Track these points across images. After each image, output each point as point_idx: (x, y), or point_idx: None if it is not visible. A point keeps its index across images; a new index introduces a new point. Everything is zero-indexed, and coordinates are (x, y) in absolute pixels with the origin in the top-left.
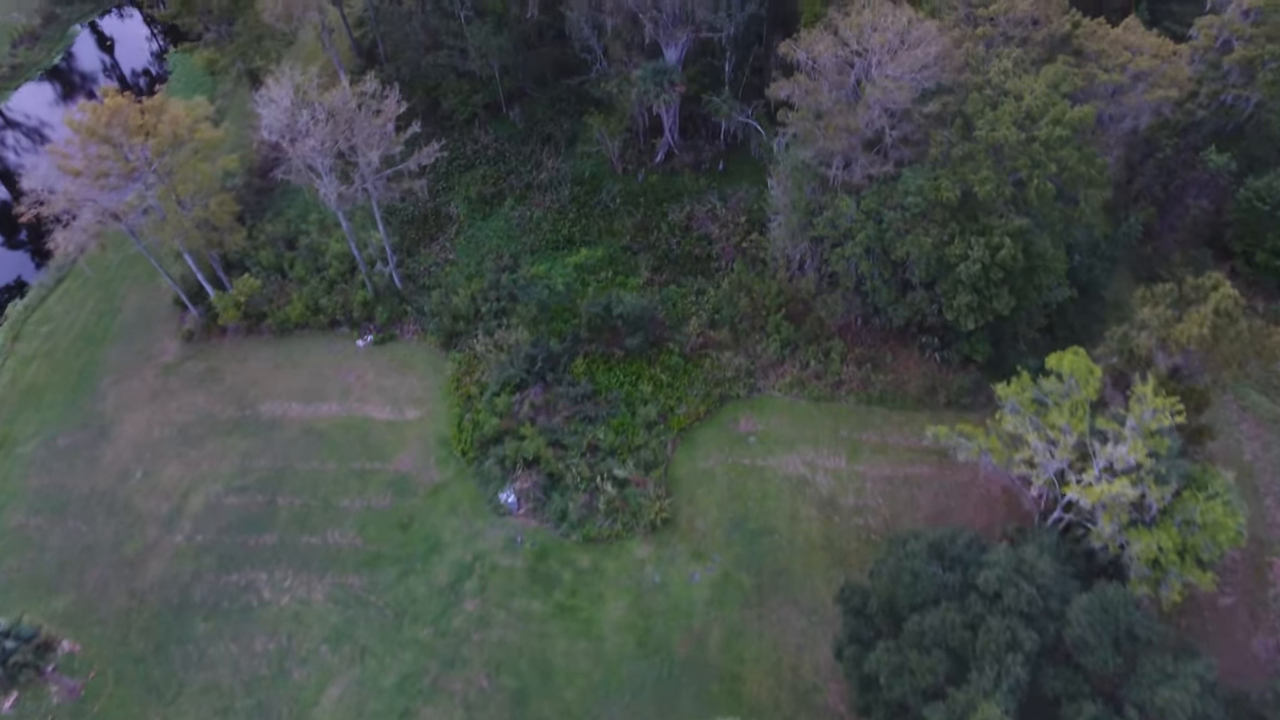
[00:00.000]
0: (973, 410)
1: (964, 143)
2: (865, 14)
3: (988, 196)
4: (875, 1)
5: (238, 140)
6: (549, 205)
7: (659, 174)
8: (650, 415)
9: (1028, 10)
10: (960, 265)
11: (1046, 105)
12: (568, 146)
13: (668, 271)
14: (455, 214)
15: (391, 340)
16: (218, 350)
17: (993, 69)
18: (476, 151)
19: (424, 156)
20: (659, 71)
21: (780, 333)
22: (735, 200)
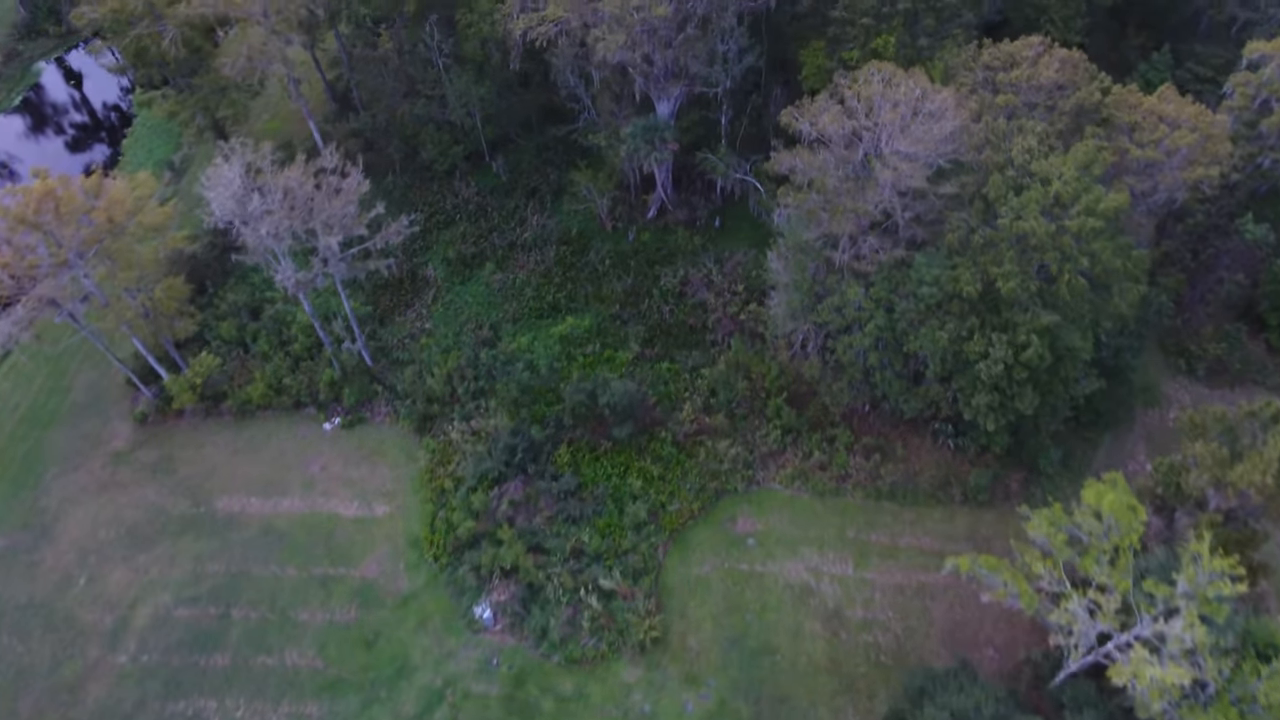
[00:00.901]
0: (991, 507)
1: (985, 228)
2: (874, 84)
3: (1012, 293)
4: (885, 69)
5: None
6: (533, 268)
7: (651, 231)
8: (639, 515)
9: (1053, 77)
10: (980, 363)
11: (1078, 192)
12: (554, 200)
13: (660, 344)
14: (433, 277)
15: (361, 423)
16: (172, 435)
17: (1016, 146)
18: (457, 206)
19: (391, 233)
20: (650, 129)
21: (781, 418)
22: (732, 264)
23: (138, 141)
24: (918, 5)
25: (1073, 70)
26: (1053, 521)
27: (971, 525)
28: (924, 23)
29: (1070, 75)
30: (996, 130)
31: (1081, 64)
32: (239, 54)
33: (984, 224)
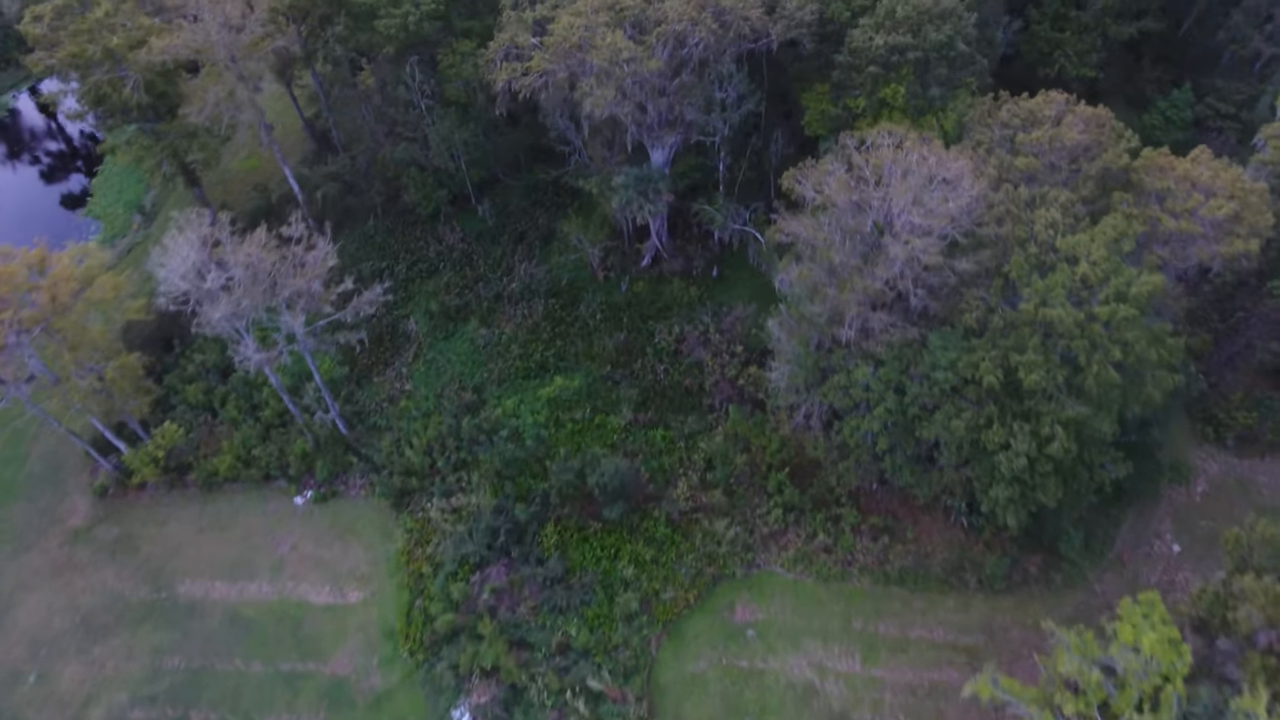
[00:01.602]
0: (1008, 593)
1: (1005, 306)
2: (885, 151)
3: (1035, 385)
4: (896, 132)
5: None
6: (520, 321)
7: (645, 281)
8: (631, 604)
9: (1077, 139)
10: (1000, 455)
11: (1107, 273)
12: (543, 246)
13: (654, 408)
14: (414, 331)
15: (335, 497)
16: (134, 510)
17: (1038, 219)
18: (441, 253)
19: (364, 303)
20: (643, 179)
21: (782, 495)
22: (731, 319)
23: (107, 181)
24: (929, 54)
25: (1098, 130)
26: (1084, 652)
27: (987, 614)
28: (935, 72)
29: (1096, 135)
30: (1017, 200)
31: (1108, 123)
32: (205, 101)
33: (1004, 302)
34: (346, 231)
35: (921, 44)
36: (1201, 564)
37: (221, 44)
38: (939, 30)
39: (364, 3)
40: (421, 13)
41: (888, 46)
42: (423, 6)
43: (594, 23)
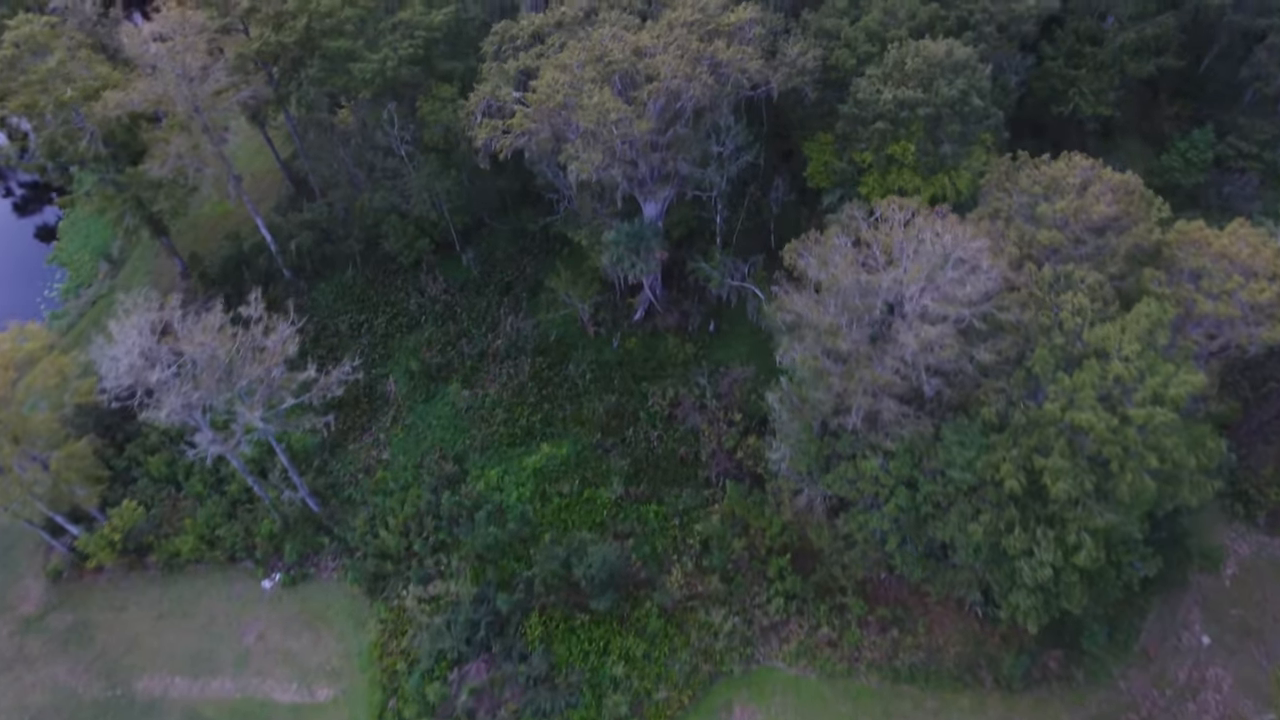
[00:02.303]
0: (1027, 692)
1: (1028, 400)
2: (896, 228)
3: (1063, 495)
4: (907, 206)
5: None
6: (505, 382)
7: (638, 337)
8: (620, 708)
9: (1105, 213)
10: (1022, 562)
11: (1142, 372)
12: (530, 298)
13: (646, 480)
14: (393, 393)
15: (305, 580)
16: (90, 594)
17: (1065, 305)
18: (422, 306)
19: (332, 384)
20: (634, 236)
21: (784, 582)
22: (728, 382)
23: (74, 225)
24: (941, 110)
25: (1127, 200)
26: None
27: (1004, 715)
28: (948, 128)
29: (1124, 206)
30: (1041, 282)
31: (1137, 190)
32: (167, 154)
33: (1027, 395)
34: (323, 281)
35: (933, 99)
36: (1233, 658)
37: (182, 96)
38: (951, 85)
39: (338, 47)
40: (400, 57)
41: (896, 101)
42: (401, 51)
43: (580, 79)
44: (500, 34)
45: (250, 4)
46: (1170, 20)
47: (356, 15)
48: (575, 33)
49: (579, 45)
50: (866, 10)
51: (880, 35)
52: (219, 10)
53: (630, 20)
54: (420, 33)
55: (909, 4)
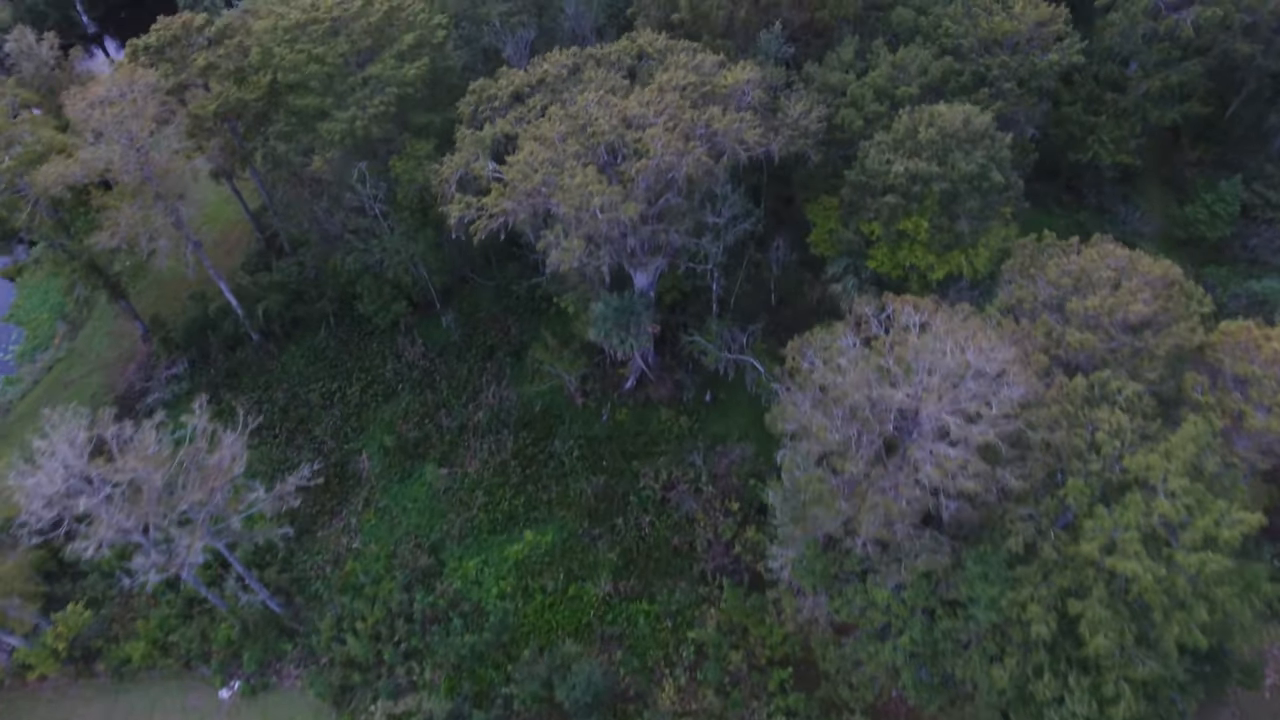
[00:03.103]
0: None
1: (1057, 528)
2: (910, 335)
3: (1102, 650)
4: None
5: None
6: (487, 458)
7: (629, 408)
8: None
9: (1142, 312)
10: (1051, 711)
11: (1191, 511)
12: (515, 363)
13: (637, 574)
14: (365, 471)
15: (266, 690)
16: (34, 707)
17: (1100, 423)
18: (399, 372)
19: (287, 489)
20: (623, 310)
21: (785, 698)
22: (725, 463)
23: (32, 278)
24: (958, 186)
25: (1165, 294)
26: None
27: None
28: (965, 204)
29: (1163, 303)
30: (1073, 394)
31: (1176, 282)
32: (117, 225)
33: (1058, 523)
34: (295, 344)
35: (949, 174)
36: None
37: (130, 165)
38: (969, 158)
39: (304, 104)
40: (369, 116)
41: (909, 175)
42: (371, 109)
43: (561, 154)
44: (478, 93)
45: (209, 60)
46: (1197, 67)
47: (323, 71)
48: (559, 94)
49: (561, 112)
50: (874, 64)
51: (889, 93)
52: (174, 66)
53: (617, 81)
54: (392, 89)
55: (920, 59)
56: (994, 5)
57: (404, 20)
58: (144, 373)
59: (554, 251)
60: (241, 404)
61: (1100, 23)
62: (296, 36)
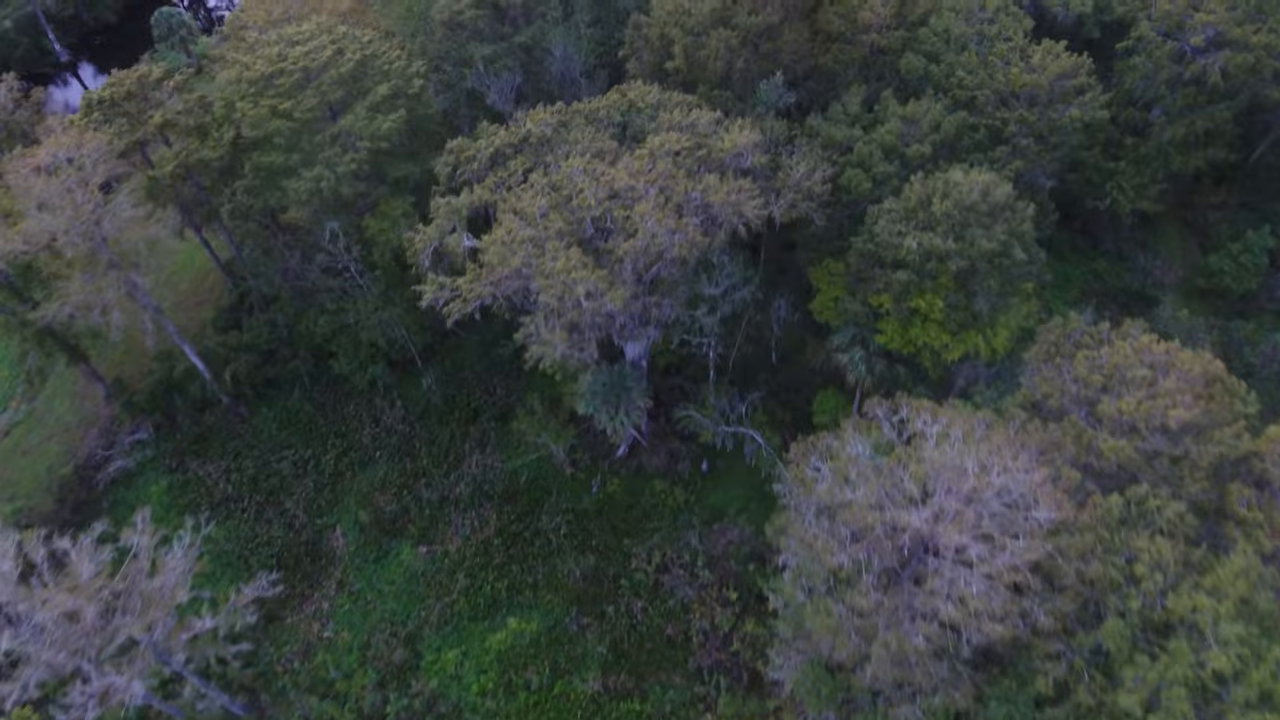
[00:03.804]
0: None
1: (1092, 668)
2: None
3: None
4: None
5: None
6: (469, 536)
7: (621, 478)
8: None
9: (1183, 417)
10: None
11: (1245, 662)
12: (499, 427)
13: (628, 667)
14: (340, 549)
15: None
16: None
17: (1140, 554)
18: (377, 438)
19: (243, 602)
20: (614, 385)
21: None
22: (723, 545)
23: None
24: (977, 264)
25: (1207, 395)
26: None
27: None
28: (985, 283)
29: (1205, 405)
30: (1109, 517)
31: (1219, 381)
32: (67, 296)
33: (1091, 663)
34: (267, 406)
35: (967, 251)
36: None
37: (77, 236)
38: (989, 235)
39: (269, 162)
40: (338, 175)
41: (923, 251)
42: (340, 167)
43: (543, 232)
44: (455, 154)
45: (166, 117)
46: (1225, 113)
47: (289, 128)
48: (541, 155)
49: (544, 180)
50: (882, 117)
51: (899, 152)
52: (130, 123)
53: (605, 142)
54: (364, 144)
55: (932, 113)
56: (1011, 54)
57: (378, 70)
58: (106, 438)
59: (534, 345)
60: (209, 472)
61: (1120, 64)
62: (262, 89)
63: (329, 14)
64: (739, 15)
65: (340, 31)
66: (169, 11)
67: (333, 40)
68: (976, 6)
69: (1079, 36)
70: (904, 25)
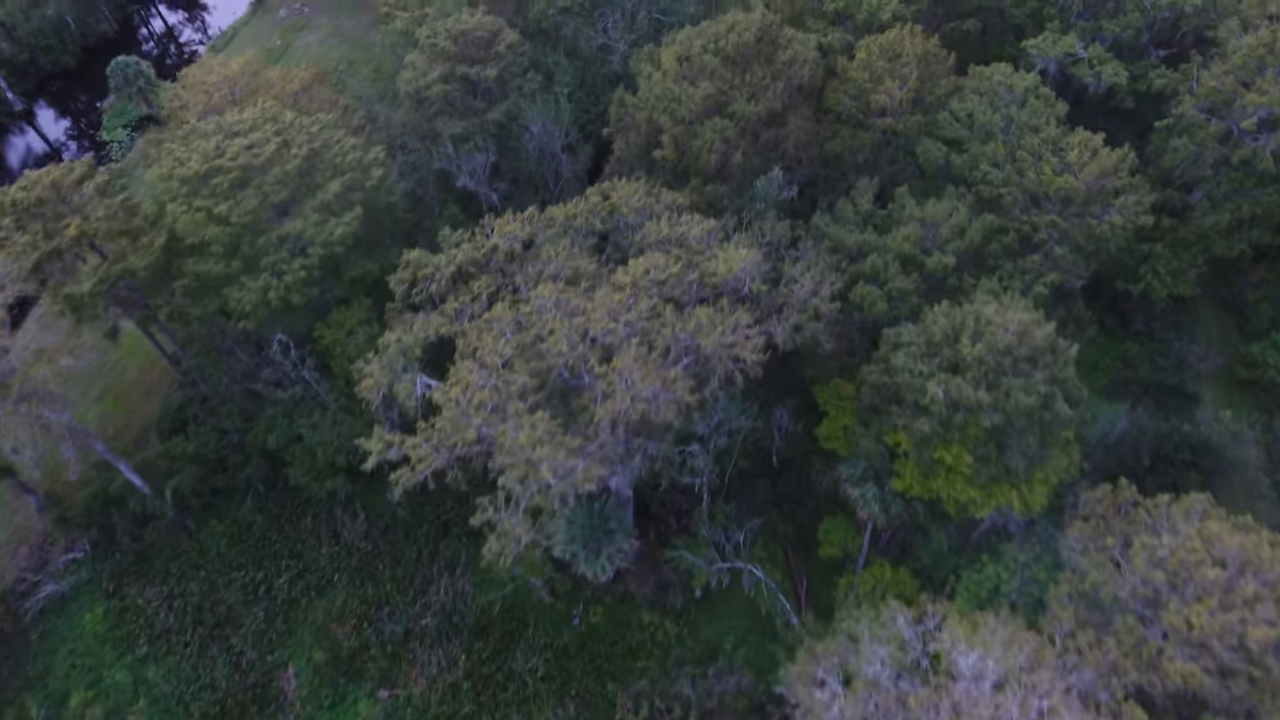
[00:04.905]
0: None
1: None
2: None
3: None
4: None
5: None
6: (435, 678)
7: (606, 605)
8: None
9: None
10: None
11: None
12: (474, 543)
13: None
14: (290, 691)
15: None
16: None
17: None
18: (336, 557)
19: None
20: (593, 526)
21: None
22: (719, 693)
23: None
24: (1016, 421)
25: None
26: None
27: None
28: (1022, 440)
29: None
30: None
31: None
32: None
33: None
34: (216, 518)
35: (1001, 404)
36: None
37: None
38: (1028, 386)
39: (206, 271)
40: (286, 284)
41: (949, 400)
42: (288, 277)
43: (505, 390)
44: (412, 269)
45: (83, 228)
46: (1274, 196)
47: (226, 234)
48: (510, 275)
49: (510, 314)
50: (897, 216)
51: (917, 261)
52: (46, 230)
53: (581, 261)
54: (316, 249)
55: (956, 218)
56: (1042, 147)
57: (330, 163)
58: (38, 557)
59: (491, 540)
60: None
61: (1157, 137)
62: (196, 189)
63: (276, 97)
64: (736, 102)
65: (287, 119)
66: (125, 61)
67: (277, 131)
68: (1003, 88)
69: (1110, 106)
70: (921, 107)
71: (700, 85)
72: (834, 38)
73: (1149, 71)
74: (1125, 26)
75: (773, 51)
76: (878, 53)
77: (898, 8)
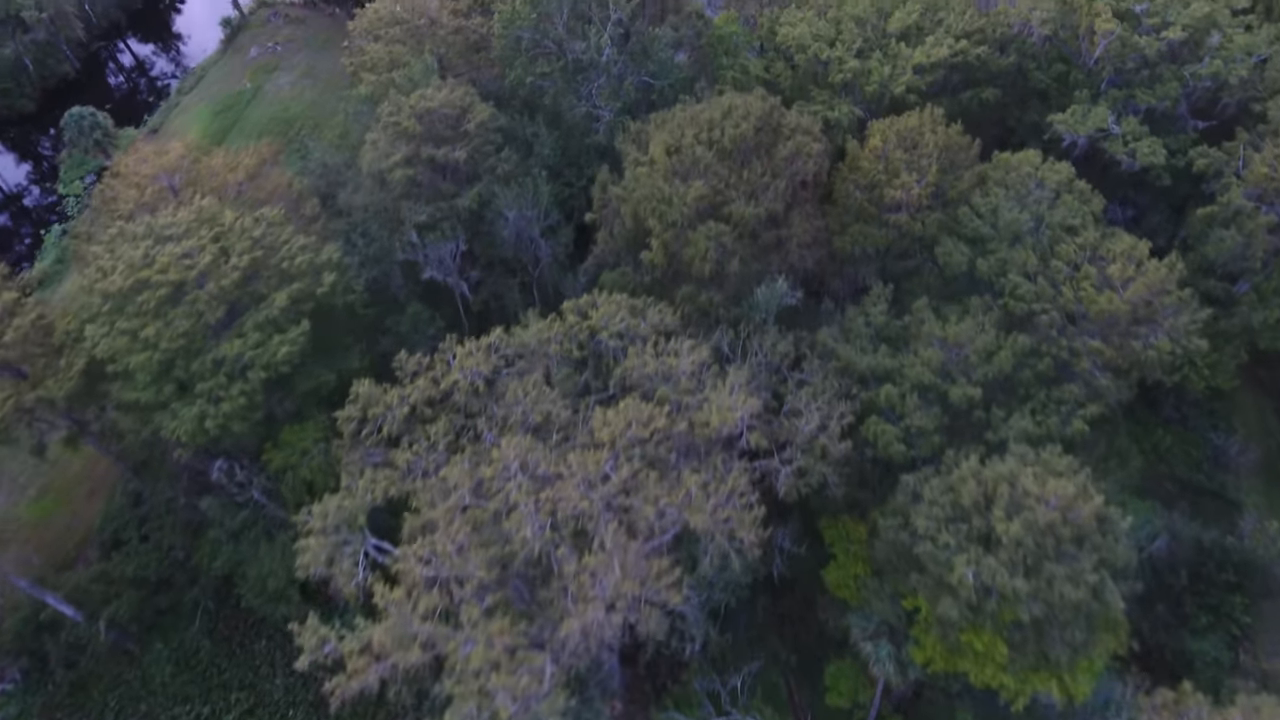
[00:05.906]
0: None
1: None
2: None
3: None
4: None
5: None
6: None
7: None
8: None
9: None
10: None
11: None
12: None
13: None
14: None
15: None
16: None
17: None
18: (292, 690)
19: None
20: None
21: None
22: None
23: None
24: (1060, 615)
25: None
26: None
27: None
28: (1066, 633)
29: None
30: None
31: None
32: None
33: None
34: (160, 641)
35: (1044, 594)
36: None
37: None
38: (1074, 574)
39: (132, 399)
40: (224, 413)
41: (981, 585)
42: (226, 404)
43: (458, 594)
44: (362, 405)
45: None
46: None
47: (154, 361)
48: (472, 419)
49: (467, 478)
50: (915, 333)
51: (938, 390)
52: None
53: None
54: (257, 372)
55: (984, 339)
56: (1079, 255)
57: (276, 270)
58: None
59: None
60: None
61: (1197, 219)
62: (120, 306)
63: (218, 188)
64: (733, 203)
65: (226, 221)
66: (80, 113)
67: (215, 237)
68: (1033, 182)
69: (1144, 184)
70: (941, 203)
71: (693, 184)
72: (841, 112)
73: (1189, 149)
74: (1162, 97)
75: (774, 143)
76: (894, 140)
77: (911, 79)
